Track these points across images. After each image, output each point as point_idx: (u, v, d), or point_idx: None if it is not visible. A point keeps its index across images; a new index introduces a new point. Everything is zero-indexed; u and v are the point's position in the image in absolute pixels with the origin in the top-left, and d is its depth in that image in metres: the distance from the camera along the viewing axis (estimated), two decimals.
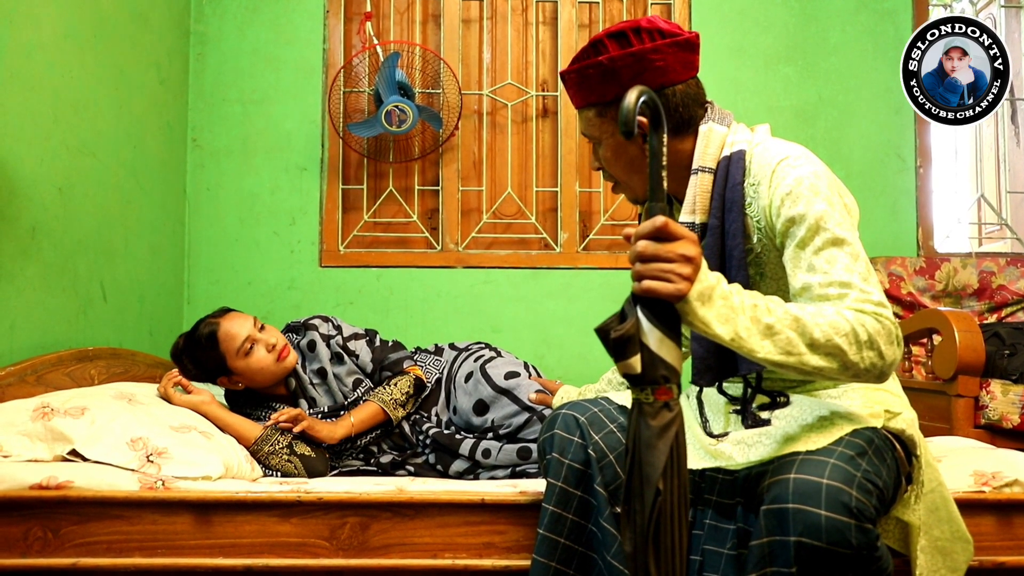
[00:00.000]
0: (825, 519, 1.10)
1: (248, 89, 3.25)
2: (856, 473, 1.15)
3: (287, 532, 1.62)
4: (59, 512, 1.58)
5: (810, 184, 1.29)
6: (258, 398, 2.18)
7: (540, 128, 3.39)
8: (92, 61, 2.40)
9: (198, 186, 3.21)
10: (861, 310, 1.19)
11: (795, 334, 1.15)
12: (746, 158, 1.39)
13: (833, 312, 1.18)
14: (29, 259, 2.07)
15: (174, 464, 1.69)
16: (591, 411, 1.52)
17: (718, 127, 1.43)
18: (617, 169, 1.49)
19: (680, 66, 1.40)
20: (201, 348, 2.07)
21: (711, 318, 1.11)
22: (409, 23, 3.39)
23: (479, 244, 3.33)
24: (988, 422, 2.37)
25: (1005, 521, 1.66)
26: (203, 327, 2.09)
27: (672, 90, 1.40)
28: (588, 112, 1.47)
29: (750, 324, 1.13)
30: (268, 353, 2.07)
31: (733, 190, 1.36)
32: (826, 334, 1.15)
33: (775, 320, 1.15)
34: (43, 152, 2.14)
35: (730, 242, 1.36)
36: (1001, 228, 3.53)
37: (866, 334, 1.17)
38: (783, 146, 1.37)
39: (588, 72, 1.41)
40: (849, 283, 1.22)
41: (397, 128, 3.04)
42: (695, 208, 1.40)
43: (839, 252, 1.24)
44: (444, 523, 1.64)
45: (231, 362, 2.06)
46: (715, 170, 1.40)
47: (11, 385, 1.88)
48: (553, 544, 1.44)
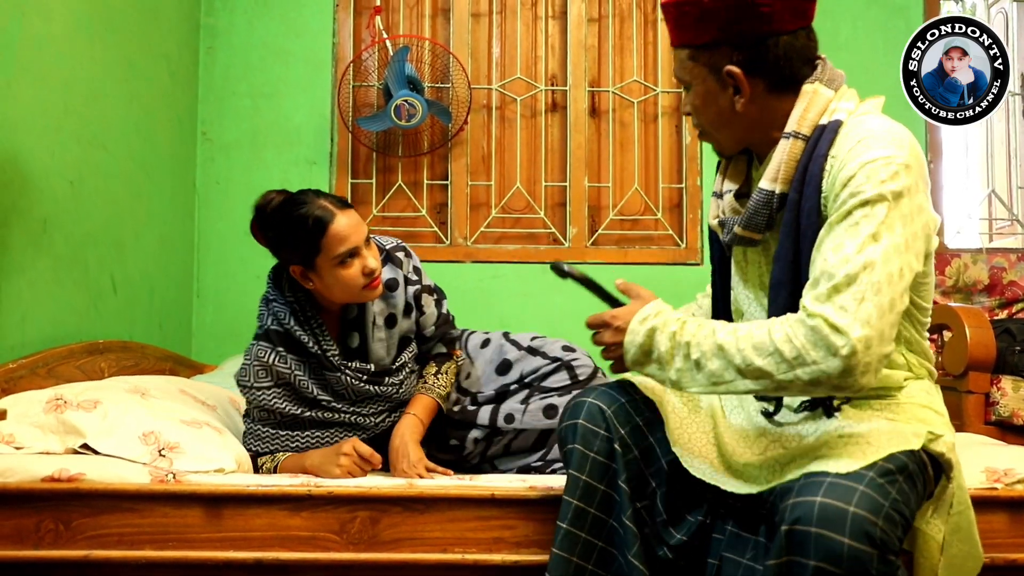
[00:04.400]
0: (848, 548, 1.06)
1: (258, 83, 3.25)
2: (885, 503, 1.10)
3: (297, 526, 1.62)
4: (71, 504, 1.58)
5: (877, 167, 1.18)
6: (311, 305, 1.86)
7: (549, 122, 3.38)
8: (102, 54, 2.40)
9: (207, 179, 3.21)
10: (808, 311, 1.16)
11: (720, 363, 1.21)
12: (840, 130, 1.27)
13: (764, 332, 1.19)
14: (40, 252, 2.07)
15: (186, 459, 1.69)
16: (619, 402, 1.45)
17: (825, 90, 1.30)
18: (704, 118, 1.38)
19: (789, 13, 1.27)
20: (300, 229, 1.73)
21: (650, 376, 1.33)
22: (419, 17, 3.38)
23: (488, 239, 3.33)
24: (999, 418, 2.36)
25: (1017, 518, 1.65)
26: (314, 208, 1.74)
27: (776, 40, 1.28)
28: (681, 52, 1.34)
29: (682, 365, 1.26)
30: (362, 276, 1.77)
31: (816, 162, 1.25)
32: (747, 359, 1.19)
33: (700, 354, 1.24)
34: (54, 145, 2.14)
35: (804, 220, 1.25)
36: (1012, 224, 3.51)
37: (793, 351, 1.15)
38: (879, 122, 1.26)
39: (685, 9, 1.30)
40: (831, 274, 1.15)
41: (406, 122, 3.04)
42: (777, 176, 1.29)
43: (851, 242, 1.16)
44: (454, 518, 1.64)
45: (321, 260, 1.75)
46: (808, 138, 1.28)
47: (23, 378, 1.88)
48: (575, 539, 1.39)
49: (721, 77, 1.31)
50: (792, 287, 1.26)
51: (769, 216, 1.32)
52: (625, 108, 3.37)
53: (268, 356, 1.82)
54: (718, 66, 1.31)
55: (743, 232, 1.36)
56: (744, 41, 1.28)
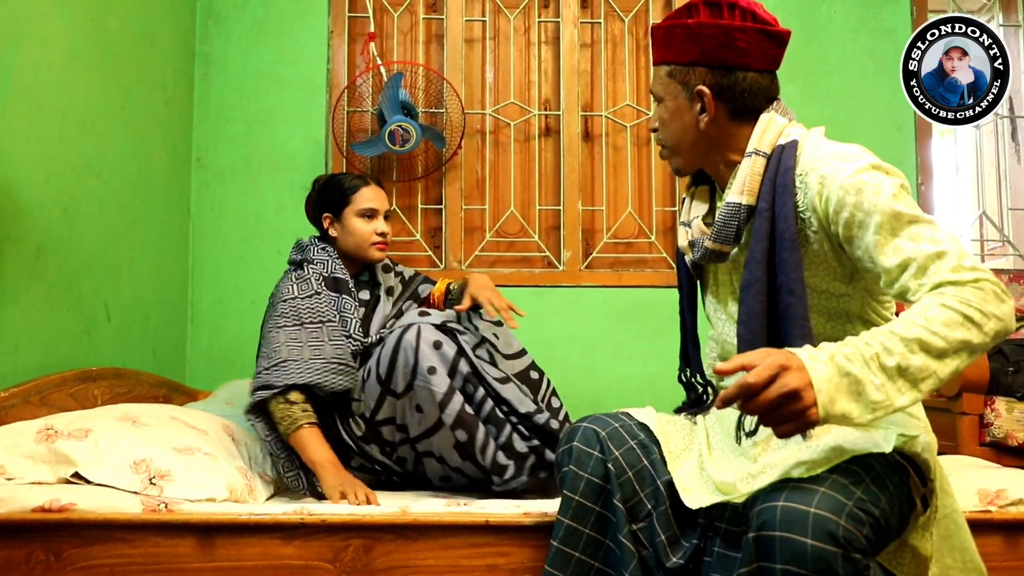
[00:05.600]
0: (811, 548, 1.09)
1: (252, 109, 3.26)
2: (847, 502, 1.13)
3: (290, 555, 1.61)
4: (62, 535, 1.57)
5: (870, 174, 1.29)
6: (344, 259, 2.26)
7: (543, 147, 3.40)
8: (98, 82, 2.41)
9: (202, 206, 3.22)
10: (957, 282, 1.18)
11: (921, 357, 1.14)
12: (798, 148, 1.40)
13: (937, 308, 1.16)
14: (34, 279, 2.07)
15: (177, 486, 1.69)
16: (612, 426, 1.50)
17: (779, 118, 1.44)
18: (669, 132, 1.51)
19: (761, 54, 1.43)
20: (340, 186, 2.25)
21: (844, 416, 1.13)
22: (412, 43, 3.41)
23: (482, 262, 3.33)
24: (993, 440, 2.36)
25: (1013, 541, 1.65)
26: (355, 178, 2.29)
27: (745, 74, 1.43)
28: (661, 68, 1.49)
29: (882, 380, 1.13)
30: (375, 235, 2.22)
31: (785, 175, 1.37)
32: (947, 338, 1.14)
33: (898, 359, 1.14)
34: (49, 172, 2.15)
35: (781, 224, 1.36)
36: (1003, 245, 3.52)
37: (978, 312, 1.16)
38: (835, 144, 1.39)
39: (675, 31, 1.45)
40: (942, 252, 1.21)
41: (400, 147, 3.05)
42: (744, 189, 1.41)
43: (919, 228, 1.24)
44: (448, 545, 1.63)
45: (346, 212, 2.22)
46: (768, 156, 1.41)
47: (15, 406, 1.88)
48: (567, 557, 1.42)
49: (692, 95, 1.45)
50: (761, 287, 1.36)
51: (738, 228, 1.42)
52: (618, 132, 3.40)
53: (310, 273, 2.17)
54: (691, 84, 1.45)
55: (714, 246, 1.46)
56: (719, 67, 1.43)
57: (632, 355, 3.22)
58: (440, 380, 1.95)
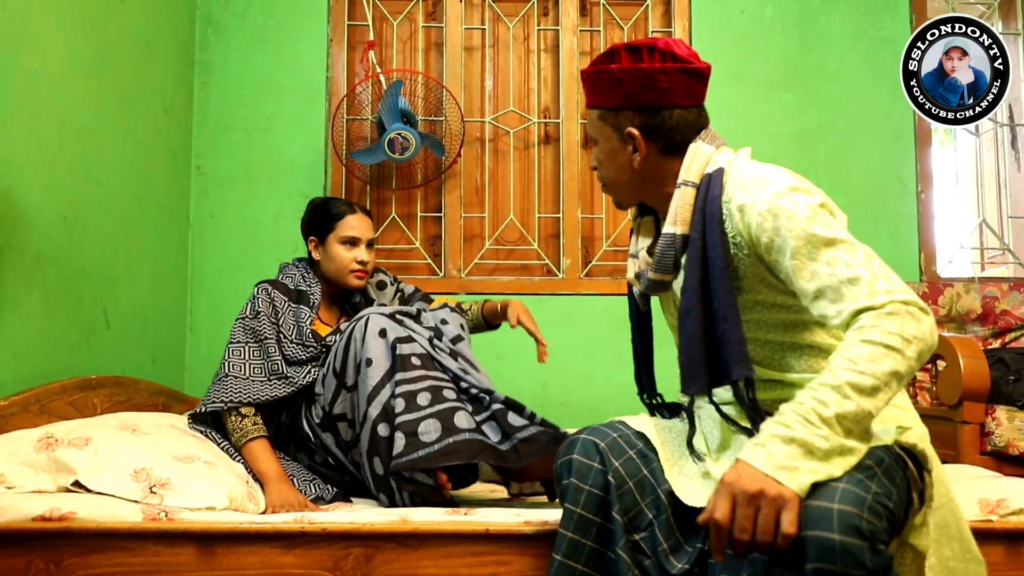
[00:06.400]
0: (839, 543, 1.10)
1: (252, 117, 3.26)
2: (867, 496, 1.15)
3: (291, 563, 1.60)
4: (62, 544, 1.56)
5: (787, 198, 1.33)
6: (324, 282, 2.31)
7: (542, 155, 3.41)
8: (97, 90, 2.41)
9: (201, 213, 3.22)
10: (872, 307, 1.21)
11: (854, 399, 1.17)
12: (724, 175, 1.43)
13: (859, 346, 1.19)
14: (33, 287, 2.07)
15: (177, 495, 1.68)
16: (611, 436, 1.50)
17: (705, 146, 1.47)
18: (606, 171, 1.56)
19: (684, 92, 1.47)
20: (327, 212, 2.29)
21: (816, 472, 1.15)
22: (412, 51, 3.41)
23: (482, 270, 3.33)
24: (994, 449, 2.36)
25: (1014, 550, 1.64)
26: (344, 205, 2.32)
27: (671, 112, 1.47)
28: (593, 112, 1.55)
29: (827, 432, 1.16)
30: (355, 263, 2.26)
31: (712, 203, 1.41)
32: (874, 374, 1.17)
33: (834, 408, 1.17)
34: (48, 181, 2.15)
35: (711, 252, 1.40)
36: (1003, 253, 3.53)
37: (898, 339, 1.19)
38: (758, 167, 1.43)
39: (601, 76, 1.49)
40: (856, 278, 1.25)
41: (400, 156, 3.06)
42: (676, 220, 1.45)
43: (834, 252, 1.28)
44: (448, 553, 1.62)
45: (330, 238, 2.27)
46: (698, 185, 1.45)
47: (14, 415, 1.87)
48: (569, 570, 1.42)
49: (623, 136, 1.50)
50: (697, 314, 1.40)
51: (675, 257, 1.47)
52: None
53: (270, 292, 2.20)
54: (621, 127, 1.50)
55: (656, 276, 1.51)
56: (645, 108, 1.48)
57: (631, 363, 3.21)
58: (375, 372, 1.94)
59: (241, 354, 2.13)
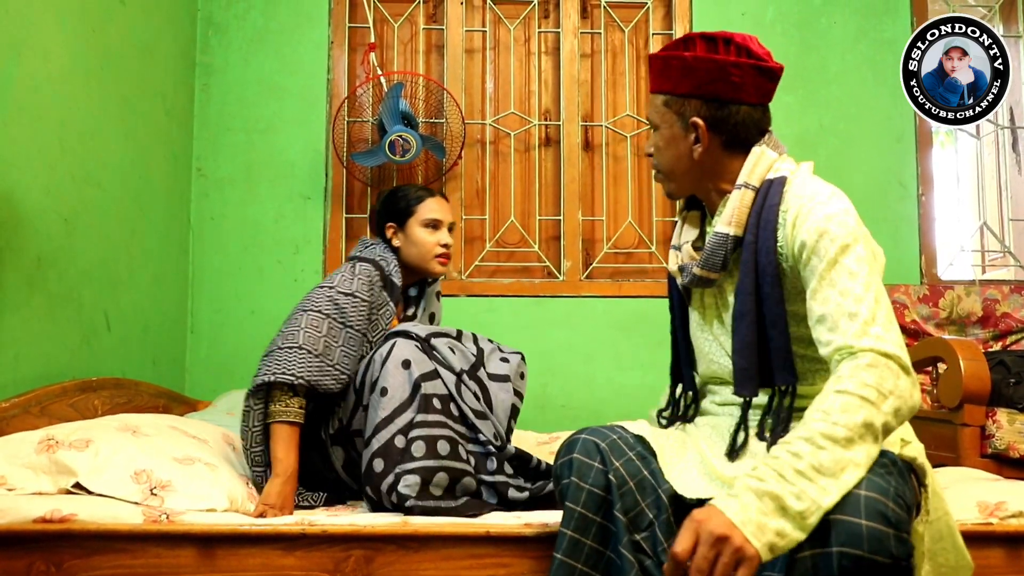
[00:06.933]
0: (866, 528, 1.12)
1: (252, 119, 3.27)
2: (889, 487, 1.17)
3: (291, 565, 1.60)
4: (62, 546, 1.56)
5: (839, 220, 1.35)
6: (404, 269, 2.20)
7: (543, 157, 3.41)
8: (99, 92, 2.42)
9: (202, 215, 3.22)
10: (853, 351, 1.24)
11: (829, 451, 1.16)
12: (785, 185, 1.45)
13: (832, 397, 1.20)
14: (34, 290, 2.07)
15: (178, 497, 1.68)
16: (610, 437, 1.50)
17: (770, 151, 1.49)
18: (664, 159, 1.55)
19: (754, 89, 1.47)
20: (406, 196, 2.20)
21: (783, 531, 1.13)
22: (412, 53, 3.42)
23: (482, 272, 3.33)
24: (995, 451, 2.36)
25: (1014, 553, 1.64)
26: (420, 189, 2.24)
27: (738, 108, 1.47)
28: (658, 98, 1.53)
29: (802, 485, 1.14)
30: (437, 246, 2.17)
31: (770, 210, 1.43)
32: (848, 425, 1.17)
33: (808, 460, 1.16)
34: (49, 183, 2.15)
35: (763, 259, 1.42)
36: (1004, 256, 3.53)
37: (874, 392, 1.20)
38: (820, 184, 1.44)
39: (672, 62, 1.48)
40: (854, 314, 1.27)
41: (401, 158, 3.06)
42: (732, 220, 1.46)
43: (852, 284, 1.30)
44: (449, 556, 1.62)
45: (411, 222, 2.17)
46: (758, 189, 1.46)
47: (15, 416, 1.87)
48: (570, 569, 1.42)
49: (687, 125, 1.50)
50: (753, 318, 1.42)
51: (724, 256, 1.48)
52: (618, 142, 3.40)
53: (373, 276, 2.07)
54: (687, 115, 1.50)
55: (702, 272, 1.51)
56: (713, 100, 1.48)
57: (632, 365, 3.22)
58: (388, 403, 1.87)
59: (319, 327, 1.94)
